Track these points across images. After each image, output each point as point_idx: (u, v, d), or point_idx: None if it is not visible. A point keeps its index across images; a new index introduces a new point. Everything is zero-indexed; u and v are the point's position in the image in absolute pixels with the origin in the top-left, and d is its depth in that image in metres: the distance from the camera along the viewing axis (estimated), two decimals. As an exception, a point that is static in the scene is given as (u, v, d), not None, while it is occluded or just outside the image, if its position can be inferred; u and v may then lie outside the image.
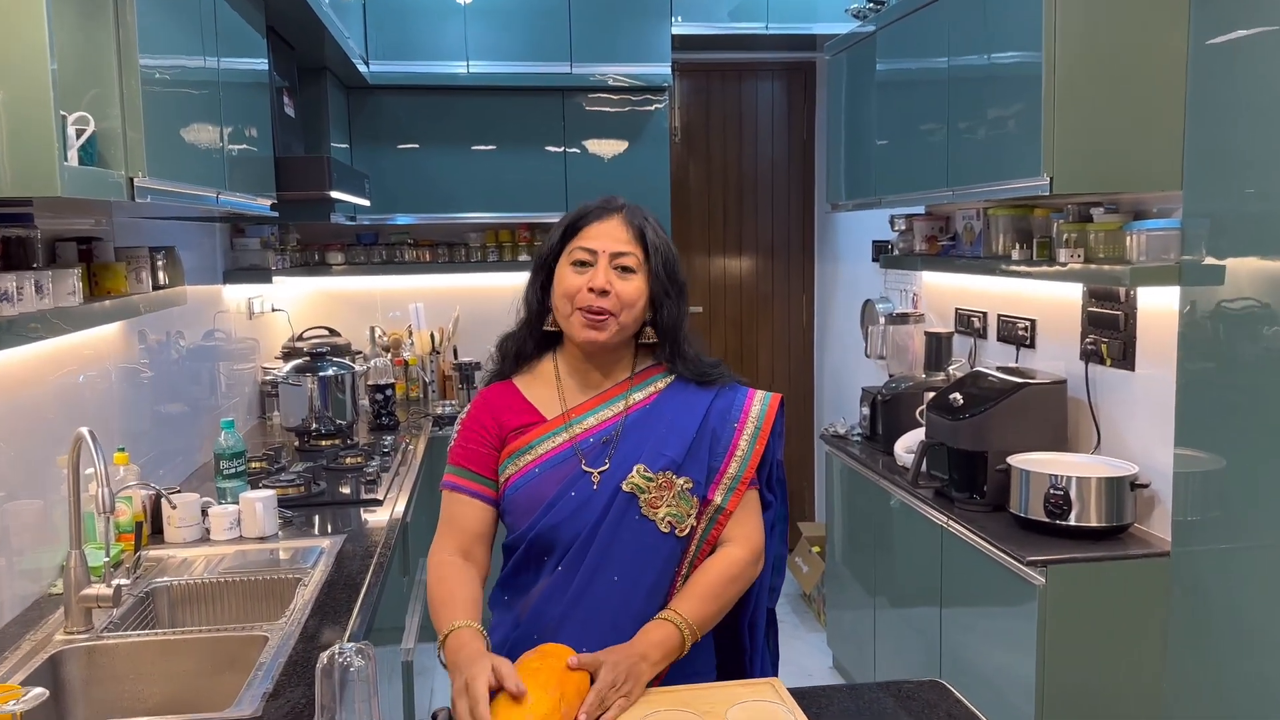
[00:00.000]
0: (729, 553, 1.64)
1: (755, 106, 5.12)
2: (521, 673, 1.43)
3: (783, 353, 5.27)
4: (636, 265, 1.60)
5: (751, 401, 1.69)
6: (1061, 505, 2.49)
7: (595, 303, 1.58)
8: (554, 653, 1.49)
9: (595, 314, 1.58)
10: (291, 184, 2.82)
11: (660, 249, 1.62)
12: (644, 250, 1.61)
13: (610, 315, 1.59)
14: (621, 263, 1.59)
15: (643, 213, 1.65)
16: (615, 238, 1.60)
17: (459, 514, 1.65)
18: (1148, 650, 2.44)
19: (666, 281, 1.62)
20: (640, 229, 1.62)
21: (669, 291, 1.63)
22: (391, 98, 4.28)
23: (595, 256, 1.59)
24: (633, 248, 1.60)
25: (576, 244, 1.61)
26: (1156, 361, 2.57)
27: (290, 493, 2.87)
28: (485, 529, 1.66)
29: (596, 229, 1.61)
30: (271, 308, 4.33)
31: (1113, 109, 2.39)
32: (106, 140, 1.66)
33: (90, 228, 2.43)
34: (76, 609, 1.96)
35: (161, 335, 3.09)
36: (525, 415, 1.66)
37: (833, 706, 1.60)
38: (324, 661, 1.39)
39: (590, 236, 1.60)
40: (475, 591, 1.59)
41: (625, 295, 1.59)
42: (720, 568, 1.63)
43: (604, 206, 1.64)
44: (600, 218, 1.62)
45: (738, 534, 1.66)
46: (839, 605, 3.85)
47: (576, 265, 1.60)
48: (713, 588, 1.61)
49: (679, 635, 1.55)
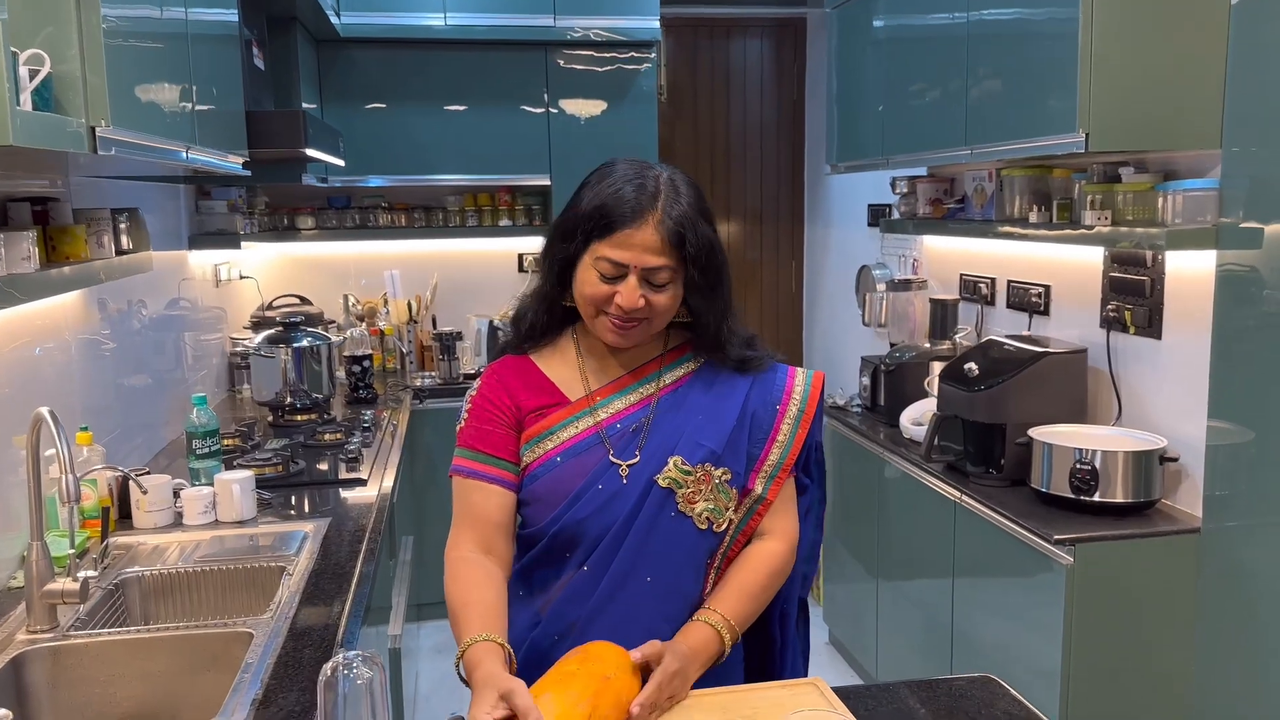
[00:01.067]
0: (769, 547, 1.51)
1: (744, 65, 4.95)
2: (554, 676, 1.29)
3: (771, 321, 5.13)
4: (670, 277, 1.40)
5: (794, 383, 1.53)
6: (1088, 480, 2.37)
7: (625, 315, 1.40)
8: (597, 655, 1.33)
9: (624, 325, 1.41)
10: (264, 140, 2.62)
11: (699, 256, 1.39)
12: (681, 259, 1.40)
13: (643, 321, 1.42)
14: (655, 279, 1.39)
15: (681, 203, 1.40)
16: (649, 249, 1.38)
17: (475, 503, 1.47)
18: (1177, 631, 2.34)
19: (704, 285, 1.42)
20: (679, 235, 1.38)
21: (706, 295, 1.44)
22: (364, 52, 4.05)
23: (625, 270, 1.39)
24: (668, 259, 1.39)
25: (604, 250, 1.39)
26: (1185, 329, 2.46)
27: (267, 472, 2.70)
28: (505, 517, 1.49)
29: (629, 237, 1.37)
30: (239, 275, 4.11)
31: (1150, 64, 2.25)
32: (64, 85, 1.46)
33: (45, 188, 2.23)
34: (39, 605, 1.79)
35: (123, 304, 2.88)
36: (544, 395, 1.49)
37: (882, 707, 1.47)
38: (327, 674, 1.23)
39: (620, 245, 1.38)
40: (496, 594, 1.43)
41: (659, 306, 1.41)
42: (762, 564, 1.50)
43: (638, 206, 1.38)
44: (635, 222, 1.37)
45: (776, 526, 1.52)
46: (835, 579, 3.75)
47: (603, 275, 1.40)
48: (753, 586, 1.48)
49: (719, 640, 1.43)
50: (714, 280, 1.44)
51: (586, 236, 1.41)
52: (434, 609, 4.07)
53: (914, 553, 3.03)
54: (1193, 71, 2.25)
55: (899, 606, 3.17)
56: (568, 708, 1.22)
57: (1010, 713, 1.46)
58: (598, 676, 1.27)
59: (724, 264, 1.46)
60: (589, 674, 1.28)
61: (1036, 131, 2.40)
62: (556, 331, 1.54)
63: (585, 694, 1.25)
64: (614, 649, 1.34)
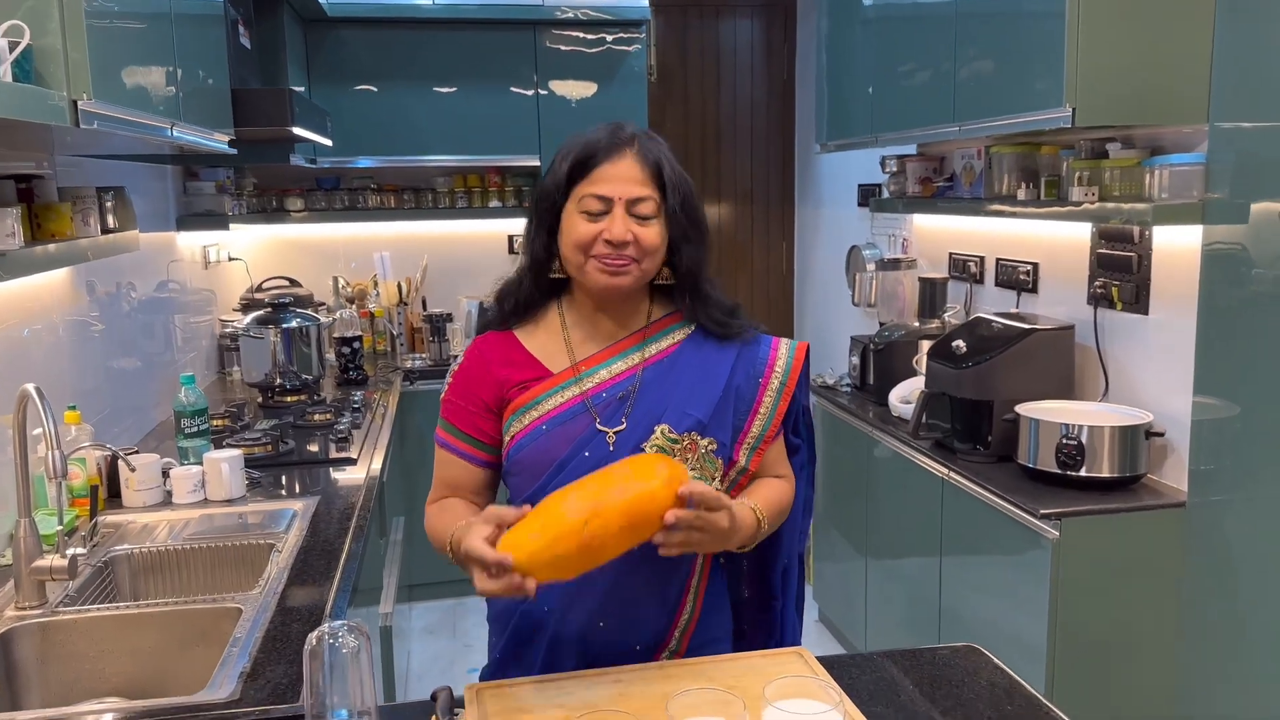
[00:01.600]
0: (780, 481, 1.54)
1: (734, 45, 4.93)
2: (561, 492, 1.29)
3: (762, 301, 5.13)
4: (654, 209, 1.43)
5: (777, 354, 1.54)
6: (1074, 455, 2.39)
7: (614, 251, 1.41)
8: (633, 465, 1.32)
9: (615, 261, 1.42)
10: (250, 119, 2.60)
11: (679, 186, 1.44)
12: (661, 190, 1.43)
13: (633, 261, 1.43)
14: (639, 210, 1.42)
15: (657, 143, 1.47)
16: (630, 179, 1.41)
17: (450, 474, 1.52)
18: (1164, 604, 2.36)
19: (687, 223, 1.45)
20: (657, 165, 1.43)
21: (689, 234, 1.46)
22: (353, 32, 4.03)
23: (609, 204, 1.41)
24: (649, 190, 1.42)
25: (586, 189, 1.42)
26: (1172, 305, 2.47)
27: (256, 452, 2.70)
28: (480, 485, 1.53)
29: (608, 171, 1.41)
30: (228, 256, 4.10)
31: (1138, 39, 2.25)
32: (45, 58, 1.46)
33: (30, 167, 2.21)
34: (28, 582, 1.79)
35: (111, 285, 2.87)
36: (527, 369, 1.50)
37: (865, 676, 1.48)
38: (313, 643, 1.24)
39: (602, 180, 1.41)
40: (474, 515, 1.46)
41: (647, 242, 1.42)
42: (777, 485, 1.52)
43: (614, 142, 1.43)
44: (611, 157, 1.42)
45: (781, 472, 1.56)
46: (825, 557, 3.76)
47: (589, 214, 1.42)
48: (773, 499, 1.49)
49: (756, 521, 1.42)
50: (694, 218, 1.46)
51: (570, 183, 1.44)
52: (426, 589, 4.08)
53: (902, 529, 3.04)
54: (1180, 47, 2.25)
55: (888, 583, 3.19)
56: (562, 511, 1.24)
57: (994, 682, 1.47)
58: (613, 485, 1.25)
59: (703, 215, 1.50)
60: (605, 481, 1.27)
61: (1024, 107, 2.40)
62: (541, 306, 1.54)
63: (588, 499, 1.24)
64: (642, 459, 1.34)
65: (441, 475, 1.53)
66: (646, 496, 1.26)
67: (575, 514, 1.23)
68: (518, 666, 1.52)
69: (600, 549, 1.25)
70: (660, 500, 1.26)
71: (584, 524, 1.22)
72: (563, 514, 1.24)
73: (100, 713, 1.48)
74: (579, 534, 1.22)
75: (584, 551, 1.24)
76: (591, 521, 1.23)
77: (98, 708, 1.54)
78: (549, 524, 1.24)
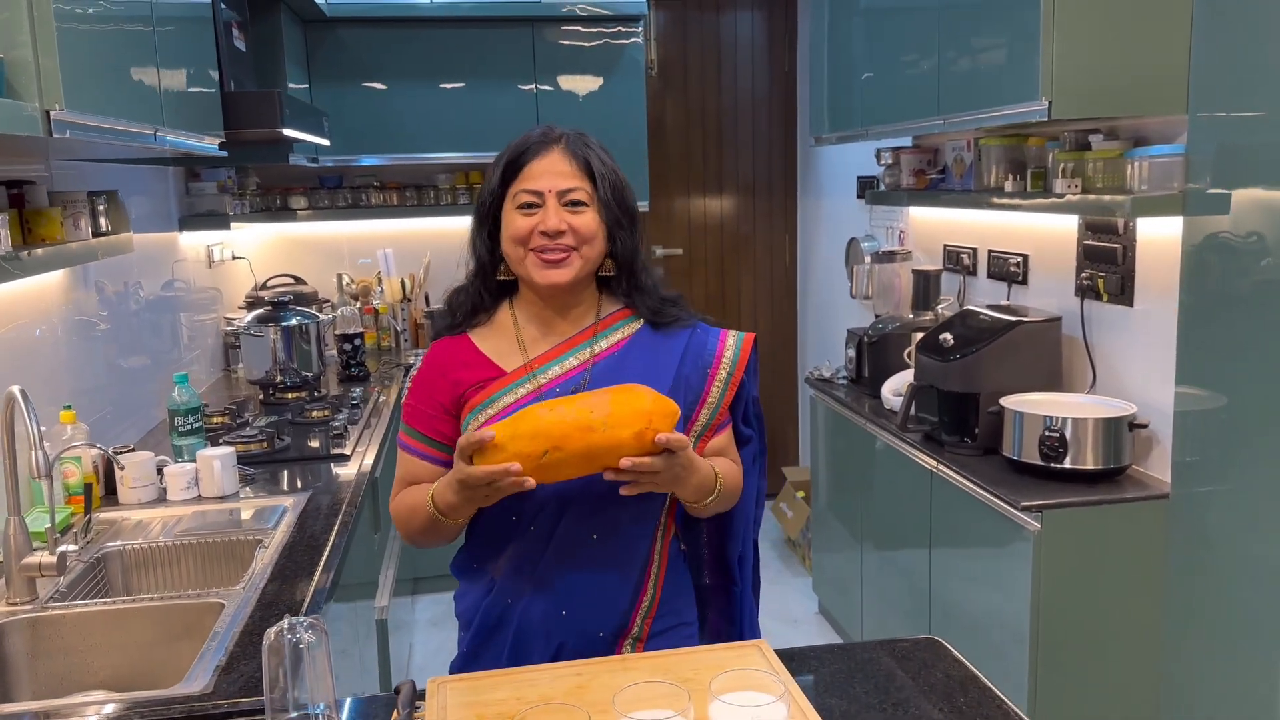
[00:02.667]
0: (733, 463, 1.59)
1: (735, 38, 4.93)
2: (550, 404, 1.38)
3: (765, 295, 5.14)
4: (587, 198, 1.48)
5: (724, 345, 1.58)
6: (1057, 448, 2.39)
7: (551, 243, 1.46)
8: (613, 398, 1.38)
9: (553, 253, 1.47)
10: (241, 122, 2.65)
11: (608, 176, 1.49)
12: (592, 181, 1.48)
13: (571, 250, 1.47)
14: (571, 198, 1.47)
15: (585, 139, 1.52)
16: (560, 172, 1.47)
17: (411, 474, 1.56)
18: (1147, 594, 2.37)
19: (618, 210, 1.50)
20: (585, 159, 1.48)
21: (621, 221, 1.51)
22: (352, 32, 4.07)
23: (542, 197, 1.46)
24: (580, 181, 1.47)
25: (520, 186, 1.48)
26: (1156, 296, 2.46)
27: (253, 449, 2.74)
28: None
29: (538, 166, 1.47)
30: (232, 255, 4.16)
31: (1115, 29, 2.25)
32: (17, 70, 1.49)
33: (26, 172, 2.26)
34: (18, 578, 1.84)
35: (116, 285, 2.93)
36: (481, 370, 1.54)
37: (824, 668, 1.51)
38: (271, 638, 1.27)
39: (533, 176, 1.47)
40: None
41: (582, 229, 1.47)
42: (732, 468, 1.58)
43: (543, 139, 1.50)
44: (540, 153, 1.48)
45: (730, 455, 1.60)
46: (824, 549, 3.78)
47: (524, 208, 1.47)
48: (730, 474, 1.55)
49: (713, 476, 1.49)
50: (625, 208, 1.51)
51: (504, 184, 1.50)
52: (430, 582, 4.14)
53: (895, 522, 3.05)
54: (1158, 37, 2.25)
55: (882, 576, 3.20)
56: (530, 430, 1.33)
57: (949, 674, 1.49)
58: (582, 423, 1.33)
59: (636, 210, 1.55)
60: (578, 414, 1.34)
61: (1002, 100, 2.41)
62: (492, 308, 1.58)
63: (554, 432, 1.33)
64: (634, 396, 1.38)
65: (403, 475, 1.58)
66: (611, 447, 1.35)
67: (539, 443, 1.33)
68: (486, 659, 1.56)
69: (556, 472, 1.36)
70: (625, 451, 1.35)
71: (544, 453, 1.33)
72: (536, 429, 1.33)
73: (78, 706, 1.53)
74: (537, 458, 1.33)
75: (539, 470, 1.35)
76: (552, 453, 1.33)
77: (76, 701, 1.59)
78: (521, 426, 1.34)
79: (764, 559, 1.73)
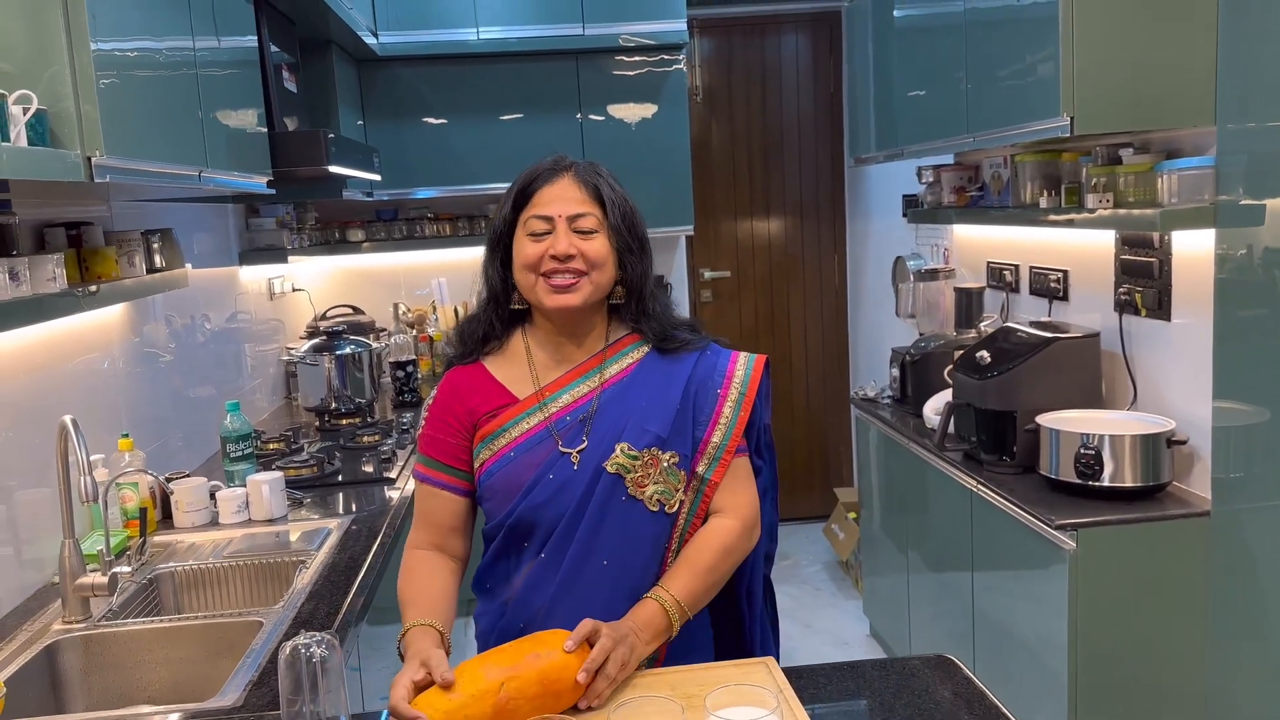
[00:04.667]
0: (721, 524, 1.56)
1: (779, 61, 4.96)
2: (491, 650, 1.38)
3: (815, 315, 5.14)
4: (597, 224, 1.52)
5: (735, 366, 1.60)
6: (1093, 465, 2.36)
7: (561, 267, 1.50)
8: (541, 638, 1.41)
9: (563, 278, 1.50)
10: (290, 160, 2.76)
11: (617, 203, 1.53)
12: (601, 207, 1.52)
13: (581, 276, 1.51)
14: (580, 225, 1.51)
15: (595, 168, 1.56)
16: (570, 198, 1.51)
17: (430, 508, 1.60)
18: (1190, 614, 2.31)
19: (628, 237, 1.54)
20: (595, 186, 1.52)
21: (631, 247, 1.54)
22: (404, 70, 4.21)
23: (552, 223, 1.50)
24: (589, 207, 1.51)
25: (530, 213, 1.52)
26: (1193, 310, 2.42)
27: (304, 473, 2.84)
28: (458, 521, 1.60)
29: (549, 193, 1.51)
30: (292, 288, 4.31)
31: (1138, 41, 2.23)
32: (60, 120, 1.61)
33: (87, 213, 2.40)
34: (73, 598, 1.94)
35: (183, 319, 3.08)
36: (496, 398, 1.58)
37: (830, 686, 1.52)
38: (286, 653, 1.34)
39: (544, 202, 1.51)
40: (442, 584, 1.55)
41: (592, 254, 1.51)
42: (712, 541, 1.55)
43: (554, 167, 1.54)
44: (550, 180, 1.52)
45: (729, 503, 1.57)
46: (875, 572, 3.75)
47: (535, 235, 1.51)
48: (705, 563, 1.53)
49: (665, 616, 1.48)
50: (635, 234, 1.54)
51: (515, 211, 1.54)
52: (484, 605, 4.20)
53: (940, 543, 3.03)
54: (1183, 48, 2.22)
55: (930, 597, 3.17)
56: (480, 673, 1.30)
57: (957, 692, 1.49)
58: (525, 652, 1.35)
59: (646, 237, 1.57)
60: (518, 649, 1.36)
61: (1026, 117, 2.40)
62: (506, 335, 1.62)
63: (504, 663, 1.32)
64: (553, 633, 1.41)
65: (421, 510, 1.61)
66: (560, 665, 1.33)
67: (493, 676, 1.29)
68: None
69: (514, 711, 1.29)
70: (572, 669, 1.33)
71: (500, 685, 1.28)
72: (480, 675, 1.30)
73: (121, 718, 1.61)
74: (494, 694, 1.28)
75: (498, 714, 1.28)
76: (508, 684, 1.28)
77: (122, 713, 1.68)
78: (465, 684, 1.29)
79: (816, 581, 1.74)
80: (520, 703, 1.30)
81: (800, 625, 4.06)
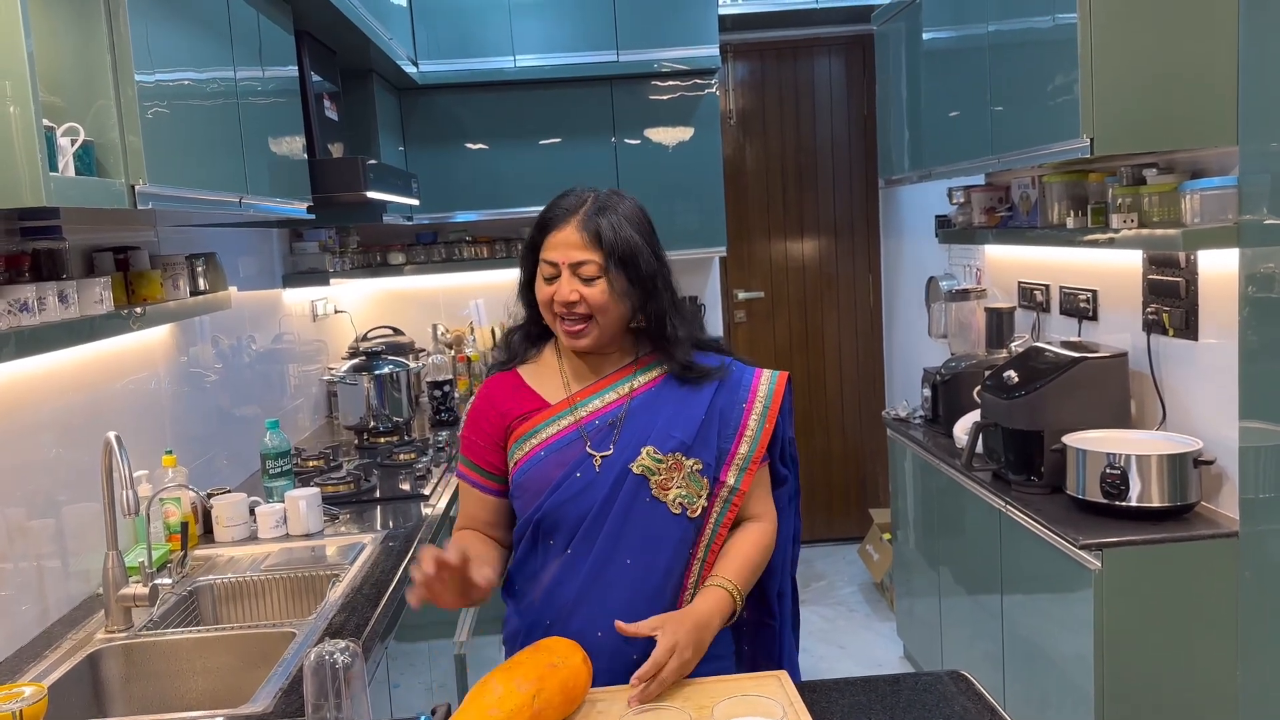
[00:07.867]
0: (757, 526, 1.67)
1: (812, 84, 5.01)
2: (503, 664, 1.43)
3: (850, 335, 5.14)
4: (598, 270, 1.55)
5: (759, 381, 1.67)
6: (1119, 485, 2.35)
7: (569, 312, 1.57)
8: (548, 647, 1.47)
9: (572, 323, 1.58)
10: (329, 186, 2.86)
11: (618, 248, 1.55)
12: (602, 253, 1.55)
13: (589, 320, 1.58)
14: (582, 273, 1.56)
15: (605, 206, 1.57)
16: (571, 245, 1.55)
17: (469, 505, 1.71)
18: (1219, 636, 2.29)
19: (628, 281, 1.57)
20: (595, 232, 1.55)
21: (635, 284, 1.58)
22: (443, 97, 4.31)
23: (558, 269, 1.56)
24: (590, 254, 1.55)
25: (543, 255, 1.59)
26: (1221, 330, 2.41)
27: (341, 490, 2.91)
28: (494, 517, 1.70)
29: (556, 238, 1.57)
30: (334, 309, 4.41)
31: (1158, 62, 2.24)
32: (106, 151, 1.69)
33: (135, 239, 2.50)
34: (115, 608, 2.02)
35: (230, 339, 3.18)
36: (528, 402, 1.66)
37: (843, 700, 1.54)
38: (311, 660, 1.39)
39: (551, 247, 1.57)
40: (485, 548, 1.65)
41: (594, 301, 1.56)
42: (752, 539, 1.65)
43: (564, 209, 1.59)
44: (558, 225, 1.57)
45: (759, 510, 1.67)
46: (908, 594, 3.74)
47: (546, 279, 1.58)
48: (749, 557, 1.63)
49: (731, 599, 1.57)
50: (635, 276, 1.57)
51: (535, 249, 1.61)
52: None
53: (970, 563, 3.02)
54: (1203, 68, 2.23)
55: (962, 618, 3.16)
56: (512, 687, 1.35)
57: (967, 708, 1.50)
58: (543, 664, 1.40)
59: (654, 268, 1.60)
60: (535, 661, 1.40)
61: (1047, 138, 2.42)
62: (541, 346, 1.71)
63: (530, 676, 1.38)
64: (563, 641, 1.46)
65: (463, 505, 1.73)
66: (576, 673, 1.43)
67: (524, 690, 1.37)
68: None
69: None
70: (584, 676, 1.45)
71: (532, 698, 1.36)
72: (514, 690, 1.37)
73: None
74: (530, 707, 1.36)
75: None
76: (538, 696, 1.37)
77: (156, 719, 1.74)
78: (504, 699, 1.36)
79: (851, 603, 1.78)
80: (549, 712, 1.38)
81: (834, 647, 4.06)
